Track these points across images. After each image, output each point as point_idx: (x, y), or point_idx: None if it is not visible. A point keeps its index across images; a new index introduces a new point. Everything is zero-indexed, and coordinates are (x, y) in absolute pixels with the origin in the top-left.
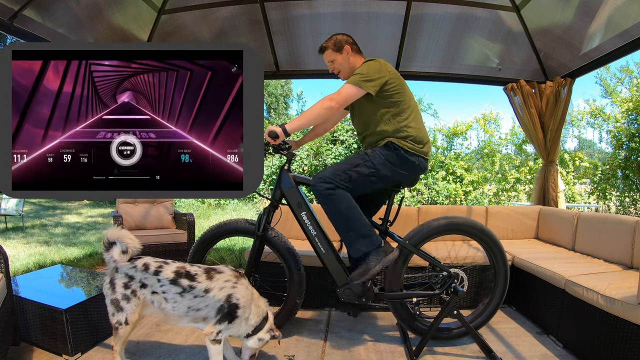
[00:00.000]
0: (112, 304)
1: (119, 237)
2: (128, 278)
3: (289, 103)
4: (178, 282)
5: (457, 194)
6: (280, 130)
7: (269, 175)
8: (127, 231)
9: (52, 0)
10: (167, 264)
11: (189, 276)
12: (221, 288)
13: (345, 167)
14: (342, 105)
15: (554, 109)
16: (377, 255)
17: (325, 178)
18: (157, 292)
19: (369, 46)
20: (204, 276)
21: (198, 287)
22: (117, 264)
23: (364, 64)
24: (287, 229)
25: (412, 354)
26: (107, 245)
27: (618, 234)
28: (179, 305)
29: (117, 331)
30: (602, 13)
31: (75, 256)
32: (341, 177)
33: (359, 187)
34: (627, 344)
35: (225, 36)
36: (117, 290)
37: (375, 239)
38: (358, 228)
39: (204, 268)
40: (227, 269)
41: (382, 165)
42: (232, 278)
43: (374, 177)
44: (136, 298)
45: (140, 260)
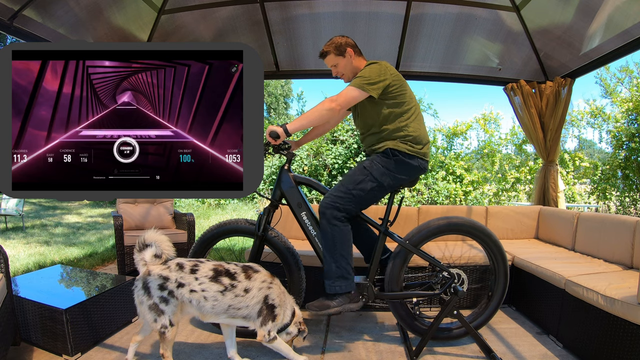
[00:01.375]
0: (151, 310)
1: (157, 241)
2: (163, 279)
3: (289, 103)
4: (219, 280)
5: (457, 194)
6: (282, 130)
7: (269, 175)
8: (166, 237)
9: (52, 0)
10: (202, 262)
11: (229, 274)
12: (259, 289)
13: (348, 187)
14: (344, 108)
15: (554, 109)
16: (342, 299)
17: (334, 205)
18: (195, 291)
19: (369, 46)
20: (243, 275)
21: (239, 286)
22: (148, 267)
23: (366, 67)
24: (287, 229)
25: (412, 354)
26: (141, 246)
27: (618, 234)
28: (219, 304)
29: (164, 336)
30: (602, 13)
31: (75, 256)
32: (347, 199)
33: (365, 203)
34: (627, 344)
35: (225, 36)
36: (152, 294)
37: (350, 284)
38: (342, 266)
39: (241, 266)
40: (261, 268)
41: (383, 175)
42: (267, 278)
43: (376, 189)
44: (174, 299)
45: (172, 261)
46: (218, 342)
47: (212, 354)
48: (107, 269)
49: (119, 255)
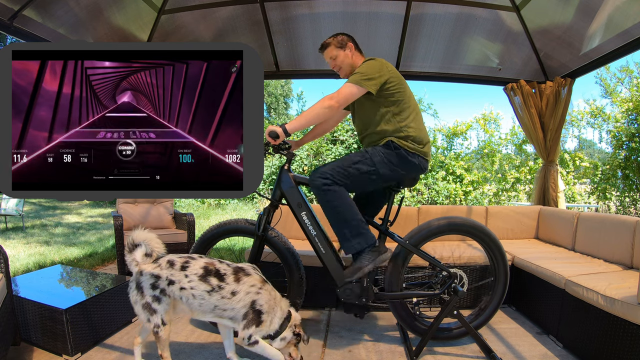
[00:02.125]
0: (144, 309)
1: (145, 240)
2: (154, 278)
3: (289, 103)
4: (207, 280)
5: (457, 194)
6: (281, 130)
7: (269, 175)
8: (154, 234)
9: (52, 0)
10: (194, 259)
11: (218, 275)
12: (247, 293)
13: (344, 163)
14: (342, 105)
15: (554, 109)
16: (370, 255)
17: (323, 173)
18: (185, 288)
19: (369, 46)
20: (232, 277)
21: (226, 288)
22: (139, 267)
23: (364, 63)
24: (287, 229)
25: (412, 354)
26: (130, 246)
27: (618, 234)
28: (206, 303)
29: (158, 335)
30: (602, 13)
31: (75, 256)
32: (340, 174)
33: (357, 185)
34: (627, 344)
35: (225, 36)
36: (145, 293)
37: (369, 237)
38: (353, 225)
39: (233, 267)
40: (253, 272)
41: (382, 163)
42: (257, 283)
43: (373, 175)
44: (166, 297)
45: (163, 258)
46: (218, 343)
47: (212, 354)
48: (107, 269)
49: (119, 255)
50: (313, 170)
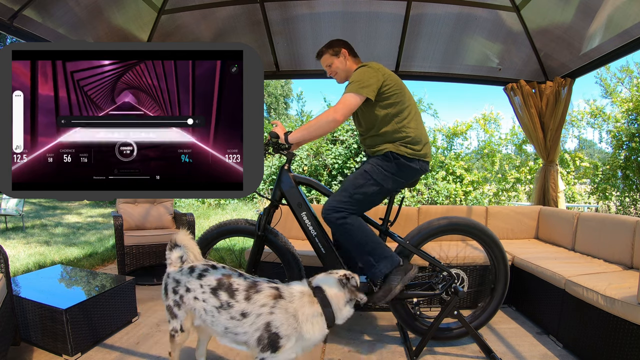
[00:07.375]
0: (167, 311)
1: (186, 245)
2: (175, 282)
3: (289, 103)
4: (217, 294)
5: (457, 194)
6: (282, 135)
7: (269, 175)
8: (195, 243)
9: (52, 0)
10: (216, 268)
11: (229, 290)
12: (258, 315)
13: (349, 191)
14: (346, 117)
15: (554, 109)
16: (397, 275)
17: (334, 207)
18: (198, 299)
19: (369, 46)
20: (243, 294)
21: (235, 307)
22: (169, 268)
23: (356, 71)
24: (287, 229)
25: (412, 354)
26: (171, 245)
27: (618, 234)
28: (216, 322)
29: (173, 339)
30: (602, 13)
31: (75, 256)
32: (348, 203)
33: (367, 206)
34: (627, 344)
35: (225, 36)
36: (169, 296)
37: (395, 258)
38: (376, 251)
39: (248, 283)
40: (265, 287)
41: (384, 179)
42: (269, 301)
43: (379, 192)
44: (184, 304)
45: (187, 262)
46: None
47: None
48: (107, 269)
49: (119, 255)
50: (323, 206)
